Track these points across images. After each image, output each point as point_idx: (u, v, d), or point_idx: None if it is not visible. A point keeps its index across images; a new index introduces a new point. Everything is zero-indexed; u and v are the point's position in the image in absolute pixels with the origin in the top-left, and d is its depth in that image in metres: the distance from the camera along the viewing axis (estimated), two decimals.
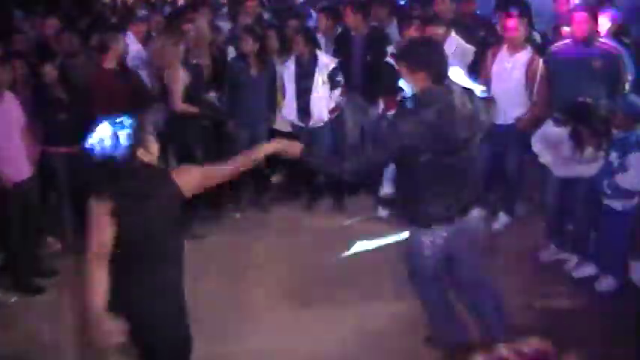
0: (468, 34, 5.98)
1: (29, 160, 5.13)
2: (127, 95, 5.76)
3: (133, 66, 6.47)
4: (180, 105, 5.80)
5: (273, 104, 6.34)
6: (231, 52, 6.86)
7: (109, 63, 5.85)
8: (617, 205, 4.65)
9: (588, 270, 4.91)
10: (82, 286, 2.99)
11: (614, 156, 4.61)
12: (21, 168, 5.05)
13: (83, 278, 2.99)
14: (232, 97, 6.23)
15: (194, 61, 6.11)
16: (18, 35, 6.98)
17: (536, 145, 5.10)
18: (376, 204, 6.27)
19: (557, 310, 4.63)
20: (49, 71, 5.57)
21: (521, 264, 5.28)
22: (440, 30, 5.83)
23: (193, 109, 5.86)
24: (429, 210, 3.55)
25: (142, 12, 8.92)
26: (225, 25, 7.71)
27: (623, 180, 4.55)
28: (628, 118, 4.61)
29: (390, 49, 6.03)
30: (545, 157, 5.08)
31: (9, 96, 5.05)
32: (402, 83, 5.60)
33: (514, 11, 5.58)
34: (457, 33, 5.90)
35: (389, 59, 5.89)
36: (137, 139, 2.89)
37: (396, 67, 5.82)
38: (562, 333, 4.28)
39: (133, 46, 6.67)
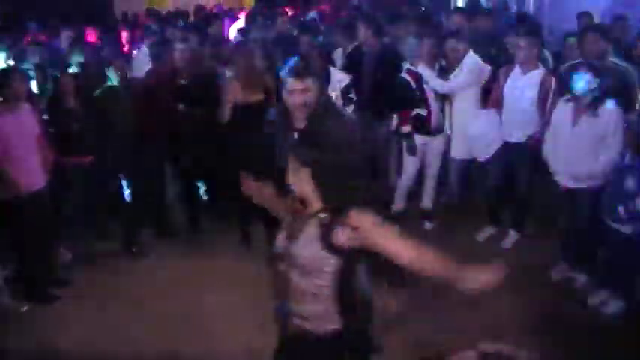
0: (480, 52, 6.02)
1: (44, 170, 5.17)
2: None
3: None
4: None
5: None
6: None
7: None
8: (626, 228, 4.63)
9: (602, 295, 4.91)
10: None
11: (630, 183, 4.56)
12: (36, 178, 5.07)
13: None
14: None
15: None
16: (33, 46, 7.06)
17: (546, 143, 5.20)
18: (386, 219, 6.28)
19: (567, 328, 4.62)
20: (67, 81, 5.63)
21: (530, 281, 5.29)
22: (460, 46, 5.90)
23: None
24: None
25: (153, 26, 9.02)
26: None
27: None
28: None
29: (406, 64, 6.07)
30: (548, 149, 5.15)
31: (25, 106, 5.09)
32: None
33: (528, 30, 5.62)
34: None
35: (404, 74, 5.94)
36: None
37: (411, 82, 5.92)
38: (571, 350, 4.30)
39: (146, 58, 6.72)
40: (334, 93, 6.08)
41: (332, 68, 6.22)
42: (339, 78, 6.12)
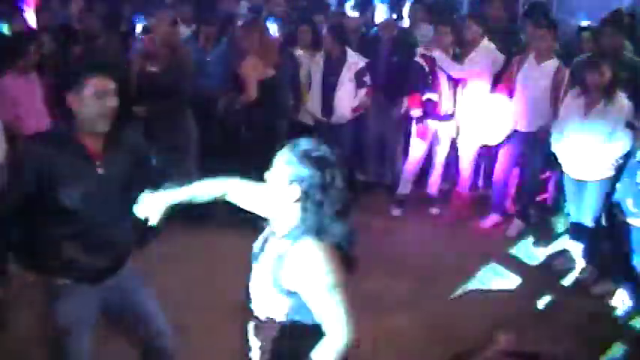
0: (496, 41, 6.01)
1: None
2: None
3: None
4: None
5: (296, 97, 6.32)
6: None
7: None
8: (637, 222, 4.63)
9: (606, 285, 4.94)
10: None
11: None
12: None
13: None
14: None
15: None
16: (44, 12, 7.00)
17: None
18: (390, 203, 6.33)
19: (569, 318, 4.65)
20: (79, 53, 5.58)
21: (533, 271, 5.35)
22: (478, 28, 5.89)
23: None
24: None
25: None
26: None
27: None
28: None
29: (421, 49, 6.04)
30: (557, 141, 5.15)
31: (33, 76, 5.08)
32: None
33: (547, 21, 5.61)
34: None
35: (418, 59, 5.92)
36: None
37: (425, 66, 5.89)
38: (573, 340, 4.34)
39: None
40: (348, 75, 6.08)
41: (349, 50, 6.19)
42: (355, 61, 6.11)
